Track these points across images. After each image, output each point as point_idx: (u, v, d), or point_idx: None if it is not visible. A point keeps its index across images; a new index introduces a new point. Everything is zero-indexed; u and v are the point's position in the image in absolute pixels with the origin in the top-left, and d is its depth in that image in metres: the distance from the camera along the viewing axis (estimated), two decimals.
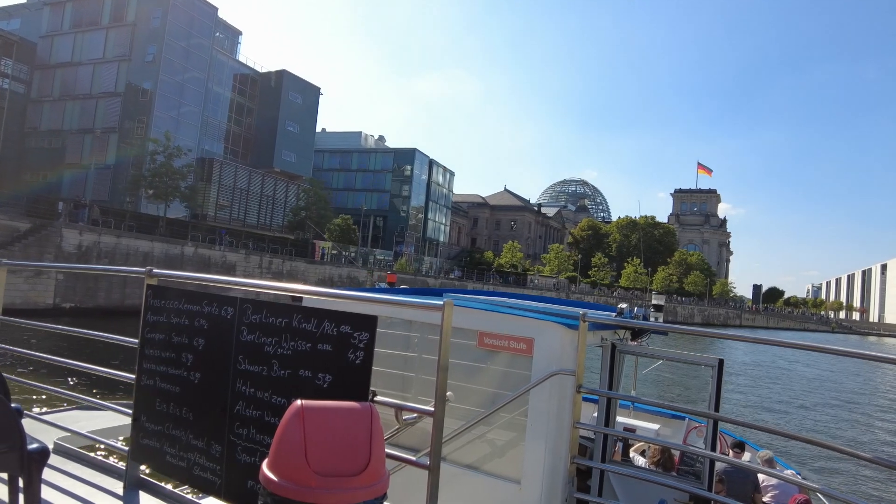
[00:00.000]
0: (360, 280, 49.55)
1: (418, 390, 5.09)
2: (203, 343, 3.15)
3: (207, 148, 60.03)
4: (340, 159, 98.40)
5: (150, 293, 3.44)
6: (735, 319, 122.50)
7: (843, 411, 26.89)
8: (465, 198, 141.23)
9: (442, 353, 2.64)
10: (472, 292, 8.10)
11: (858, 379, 42.07)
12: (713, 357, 4.62)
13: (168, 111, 53.40)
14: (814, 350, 3.36)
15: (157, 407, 3.29)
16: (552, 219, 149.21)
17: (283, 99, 64.81)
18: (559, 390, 4.32)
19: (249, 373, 2.93)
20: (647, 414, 8.57)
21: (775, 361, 48.36)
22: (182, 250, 35.37)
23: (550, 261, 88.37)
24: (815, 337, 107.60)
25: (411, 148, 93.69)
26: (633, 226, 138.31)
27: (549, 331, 4.48)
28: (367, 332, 2.63)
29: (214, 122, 60.93)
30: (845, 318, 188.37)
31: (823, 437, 8.25)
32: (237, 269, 38.88)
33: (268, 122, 65.05)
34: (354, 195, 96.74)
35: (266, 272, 41.28)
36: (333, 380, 2.67)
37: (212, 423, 3.05)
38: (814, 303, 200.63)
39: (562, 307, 6.01)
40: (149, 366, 3.36)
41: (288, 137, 65.49)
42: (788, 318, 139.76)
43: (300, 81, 66.97)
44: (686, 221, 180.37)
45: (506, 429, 4.71)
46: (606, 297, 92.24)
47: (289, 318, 2.85)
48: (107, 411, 4.33)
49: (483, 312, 4.84)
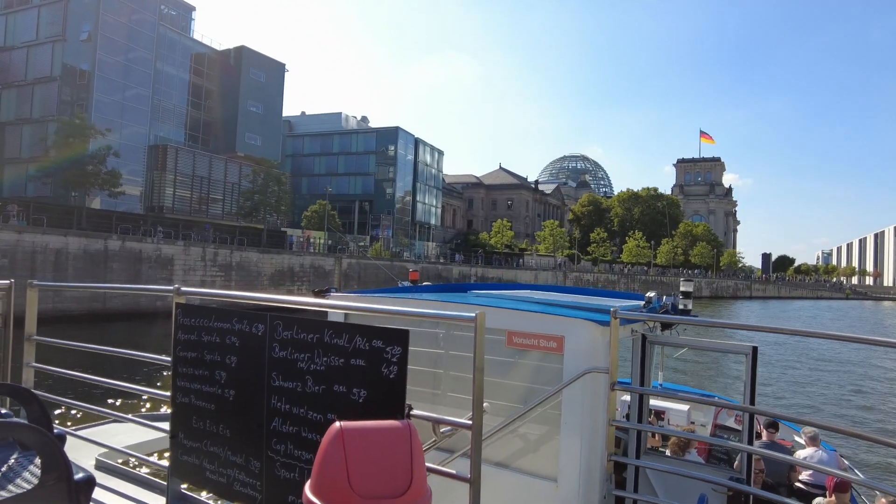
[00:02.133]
0: (327, 269, 44.96)
1: (447, 386, 5.09)
2: (235, 360, 3.17)
3: (163, 134, 55.40)
4: (321, 143, 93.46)
5: (180, 312, 3.45)
6: (745, 291, 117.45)
7: (875, 397, 22.46)
8: (460, 178, 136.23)
9: (476, 364, 2.60)
10: (497, 286, 7.93)
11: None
12: (746, 345, 4.35)
13: (110, 94, 48.64)
14: (861, 342, 3.20)
15: (194, 424, 3.32)
16: (550, 196, 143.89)
17: (244, 77, 59.86)
18: (592, 388, 4.19)
19: (284, 389, 2.95)
20: (676, 395, 8.31)
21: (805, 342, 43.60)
22: (105, 245, 30.87)
23: (545, 238, 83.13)
24: (830, 305, 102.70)
25: (394, 127, 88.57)
26: (636, 199, 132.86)
27: (579, 328, 4.36)
28: (400, 347, 2.61)
29: (168, 106, 56.13)
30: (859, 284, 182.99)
31: (865, 429, 7.49)
32: (175, 262, 34.44)
33: (228, 103, 60.21)
34: (338, 180, 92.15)
35: (211, 265, 36.82)
36: (368, 395, 2.66)
37: (249, 439, 3.07)
38: (825, 269, 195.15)
39: (591, 299, 6.06)
40: (183, 383, 3.39)
41: (251, 119, 60.61)
42: (801, 286, 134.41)
43: (262, 58, 61.91)
44: (690, 192, 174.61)
45: (540, 427, 4.59)
46: (607, 275, 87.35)
47: (320, 333, 2.84)
48: (143, 427, 4.25)
49: (511, 312, 4.80)
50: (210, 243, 38.26)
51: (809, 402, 20.78)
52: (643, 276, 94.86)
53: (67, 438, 3.53)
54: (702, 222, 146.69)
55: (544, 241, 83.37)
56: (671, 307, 4.95)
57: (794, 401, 20.74)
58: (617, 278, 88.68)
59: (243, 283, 38.87)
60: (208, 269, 36.86)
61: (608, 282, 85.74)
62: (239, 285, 38.47)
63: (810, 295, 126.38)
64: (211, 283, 36.82)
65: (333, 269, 45.25)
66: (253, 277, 39.53)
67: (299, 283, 42.77)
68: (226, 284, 37.80)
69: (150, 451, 4.56)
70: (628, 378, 4.57)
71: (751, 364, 4.30)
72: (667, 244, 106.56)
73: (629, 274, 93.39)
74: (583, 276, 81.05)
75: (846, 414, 19.63)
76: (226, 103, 60.36)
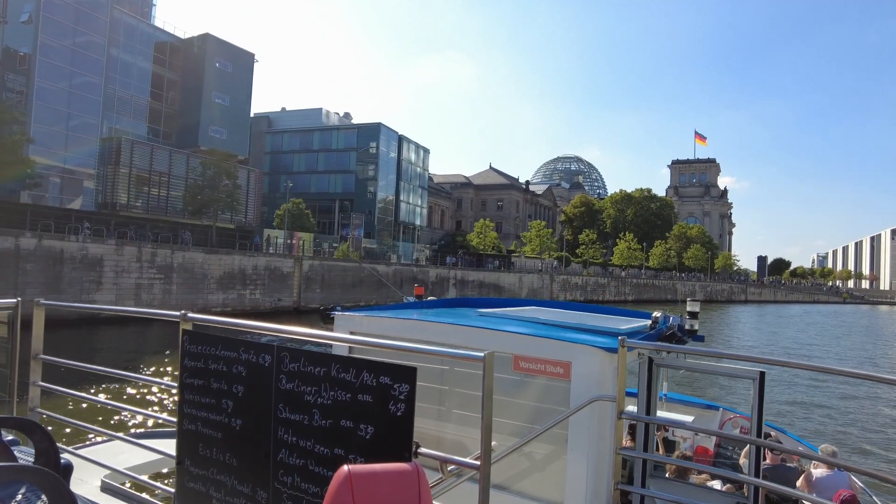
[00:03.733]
0: (285, 272, 41.27)
1: (451, 404, 5.04)
2: (242, 390, 3.16)
3: (120, 127, 51.74)
4: (301, 139, 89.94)
5: (187, 339, 3.44)
6: (740, 294, 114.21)
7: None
8: (448, 178, 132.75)
9: (485, 408, 2.57)
10: (502, 302, 7.45)
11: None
12: (753, 369, 4.04)
13: (55, 81, 44.91)
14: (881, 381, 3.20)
15: (201, 452, 3.31)
16: (542, 196, 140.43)
17: (208, 67, 56.19)
18: (599, 415, 4.18)
19: (290, 421, 2.95)
20: (680, 405, 8.35)
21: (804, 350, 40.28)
22: (17, 243, 27.20)
23: (532, 239, 79.35)
24: (827, 309, 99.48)
25: (375, 123, 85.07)
26: (629, 200, 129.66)
27: (586, 354, 4.35)
28: (408, 384, 2.60)
29: (125, 97, 52.45)
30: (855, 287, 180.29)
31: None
32: (105, 263, 30.75)
33: (192, 94, 56.56)
34: (318, 178, 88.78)
35: (148, 266, 33.12)
36: (375, 432, 2.66)
37: (256, 469, 3.08)
38: (822, 273, 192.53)
39: (598, 319, 5.98)
40: (190, 410, 3.38)
41: (216, 111, 56.94)
42: (797, 290, 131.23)
43: (228, 47, 58.27)
44: (685, 193, 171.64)
45: (546, 454, 4.64)
46: (597, 278, 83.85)
47: (327, 367, 2.84)
48: (147, 451, 4.17)
49: (518, 336, 4.78)
50: (147, 242, 34.53)
51: (819, 428, 18.33)
52: (635, 280, 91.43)
53: (74, 458, 3.71)
54: (696, 224, 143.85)
55: (530, 242, 79.66)
56: (678, 328, 5.15)
57: (803, 425, 18.37)
58: (607, 281, 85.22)
59: (186, 286, 35.17)
60: (145, 270, 33.14)
61: (598, 285, 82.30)
62: (181, 289, 34.82)
63: (807, 299, 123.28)
64: (148, 286, 33.16)
65: (293, 272, 41.56)
66: (198, 280, 35.83)
67: (252, 287, 39.07)
68: (166, 288, 34.13)
69: (154, 471, 4.55)
70: (634, 388, 4.33)
71: (758, 390, 3.99)
72: (660, 246, 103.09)
73: (620, 277, 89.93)
74: (571, 279, 77.52)
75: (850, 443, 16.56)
76: (189, 95, 56.74)
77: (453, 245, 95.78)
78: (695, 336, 5.84)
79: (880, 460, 15.68)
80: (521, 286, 67.65)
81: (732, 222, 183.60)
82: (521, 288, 67.02)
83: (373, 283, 47.44)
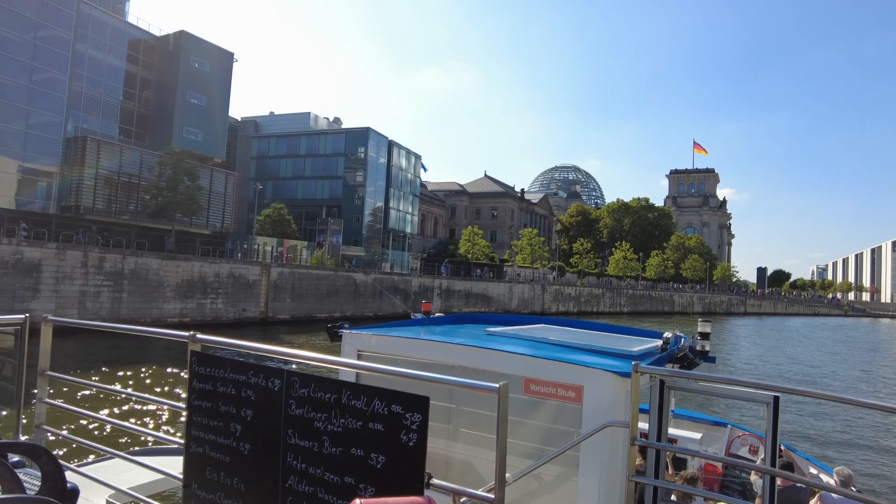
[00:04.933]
0: (250, 280, 38.53)
1: (459, 423, 5.05)
2: (251, 414, 3.12)
3: (89, 126, 49.27)
4: (288, 144, 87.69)
5: (195, 360, 3.41)
6: (739, 306, 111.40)
7: None
8: (442, 185, 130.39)
9: (500, 438, 2.53)
10: (511, 319, 7.39)
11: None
12: (767, 393, 3.82)
13: (14, 76, 42.45)
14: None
15: (208, 475, 3.28)
16: (537, 205, 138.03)
17: (183, 65, 53.76)
18: (611, 440, 4.17)
19: (300, 447, 2.91)
20: (688, 421, 8.22)
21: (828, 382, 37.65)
22: None
23: (523, 248, 76.50)
24: (828, 322, 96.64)
25: (364, 127, 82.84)
26: (626, 209, 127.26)
27: (599, 379, 4.27)
28: (420, 414, 2.56)
29: (94, 95, 49.98)
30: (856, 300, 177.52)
31: None
32: (43, 269, 28.07)
33: (166, 94, 54.13)
34: (304, 183, 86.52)
35: (95, 272, 30.40)
36: (387, 461, 2.62)
37: (264, 496, 3.04)
38: (822, 284, 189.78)
39: (608, 338, 5.91)
40: (197, 433, 3.35)
41: (191, 111, 54.47)
42: (797, 302, 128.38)
43: (205, 45, 55.89)
44: (684, 203, 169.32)
45: (556, 476, 4.59)
46: (591, 289, 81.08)
47: (338, 394, 2.80)
48: (152, 470, 4.17)
49: (528, 358, 4.67)
50: (94, 246, 31.82)
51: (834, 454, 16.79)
52: (631, 291, 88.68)
53: (79, 477, 3.74)
54: (695, 234, 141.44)
55: (521, 251, 76.86)
56: (689, 349, 5.13)
57: (816, 450, 16.66)
58: (602, 293, 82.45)
59: (139, 294, 32.45)
60: (91, 277, 30.41)
61: (592, 296, 79.54)
62: (133, 298, 32.10)
63: (807, 311, 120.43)
64: (95, 294, 30.47)
65: (259, 280, 38.79)
66: (152, 289, 33.10)
67: (213, 297, 36.32)
68: (116, 296, 31.43)
69: (159, 491, 4.51)
70: (646, 404, 4.14)
71: (772, 415, 3.79)
72: (656, 256, 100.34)
73: (616, 288, 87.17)
74: (564, 289, 74.73)
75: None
76: (163, 94, 54.29)
77: (445, 254, 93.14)
78: (706, 357, 5.73)
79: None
80: (512, 297, 64.89)
81: (732, 233, 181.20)
82: (510, 299, 64.28)
83: (349, 293, 44.78)
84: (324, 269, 44.71)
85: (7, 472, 2.43)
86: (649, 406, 4.12)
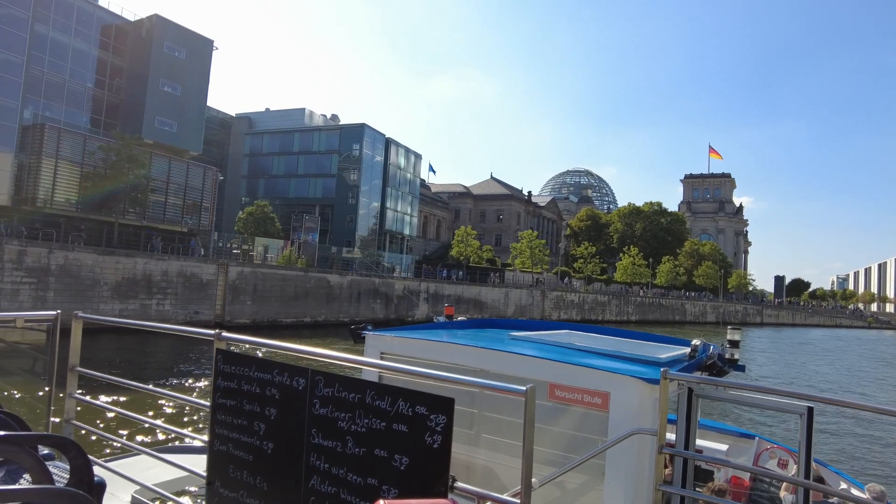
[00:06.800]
0: (204, 280, 34.82)
1: (481, 429, 5.03)
2: (275, 413, 3.10)
3: (51, 115, 46.14)
4: (281, 141, 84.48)
5: (220, 358, 3.38)
6: (755, 316, 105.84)
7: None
8: (446, 187, 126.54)
9: (526, 443, 2.51)
10: (534, 324, 7.36)
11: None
12: (801, 404, 3.66)
13: None
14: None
15: (231, 474, 3.26)
16: (545, 208, 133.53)
17: (155, 51, 50.46)
18: (638, 449, 3.98)
19: (323, 447, 2.89)
20: (713, 432, 8.00)
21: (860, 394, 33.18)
22: None
23: (522, 251, 71.96)
24: (852, 334, 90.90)
25: (359, 124, 79.25)
26: (637, 214, 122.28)
27: (626, 386, 4.12)
28: (445, 416, 2.52)
29: (57, 81, 46.87)
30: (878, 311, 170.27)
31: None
32: None
33: (137, 82, 50.87)
34: (297, 181, 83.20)
35: (13, 267, 26.88)
36: (410, 463, 2.60)
37: (286, 495, 3.01)
38: (843, 295, 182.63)
39: (634, 345, 5.82)
40: (221, 431, 3.33)
41: (163, 100, 51.12)
42: (817, 312, 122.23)
43: (181, 31, 52.58)
44: (698, 209, 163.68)
45: (581, 484, 4.54)
46: (596, 295, 76.47)
47: (362, 394, 2.77)
48: (176, 467, 4.11)
49: (553, 363, 4.54)
50: (13, 238, 28.28)
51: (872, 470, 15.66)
52: (639, 298, 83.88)
53: (105, 472, 3.72)
54: (710, 241, 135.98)
55: (521, 253, 72.36)
56: (718, 357, 4.94)
57: (848, 464, 15.75)
58: (608, 299, 77.79)
59: (68, 293, 28.82)
60: (8, 273, 26.86)
61: (596, 303, 74.93)
62: (62, 297, 28.48)
63: (828, 322, 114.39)
64: (12, 293, 26.92)
65: (215, 280, 35.04)
66: (85, 287, 29.49)
67: (160, 297, 32.63)
68: (39, 294, 27.87)
69: (183, 488, 4.52)
70: (674, 414, 4.02)
71: (806, 427, 3.65)
72: (667, 262, 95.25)
73: (623, 295, 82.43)
74: (566, 296, 70.21)
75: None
76: (135, 82, 51.04)
77: (445, 257, 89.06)
78: (736, 366, 5.49)
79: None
80: (508, 303, 60.58)
81: (748, 240, 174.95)
82: (506, 305, 59.99)
83: (321, 296, 40.90)
84: (291, 269, 40.85)
85: (37, 463, 2.49)
86: (676, 415, 3.97)
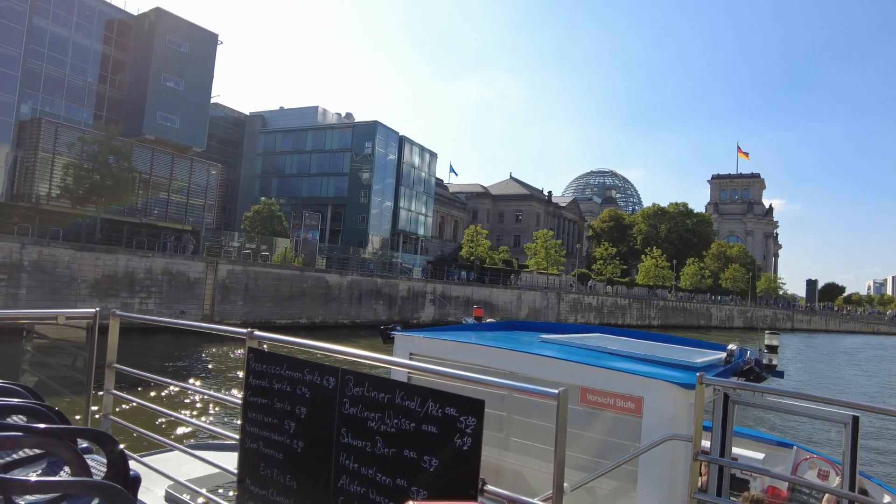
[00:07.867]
0: (192, 278, 33.25)
1: (511, 432, 4.98)
2: (305, 412, 3.13)
3: (52, 110, 45.42)
4: (294, 140, 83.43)
5: (252, 356, 3.41)
6: (786, 322, 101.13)
7: None
8: (464, 187, 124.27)
9: (558, 447, 2.46)
10: (565, 327, 7.41)
11: None
12: (845, 413, 3.52)
13: None
14: None
15: (262, 472, 3.28)
16: (566, 209, 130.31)
17: (158, 45, 49.43)
18: (672, 455, 3.90)
19: (353, 447, 2.89)
20: (749, 440, 7.67)
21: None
22: None
23: (537, 251, 69.23)
24: (892, 342, 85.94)
25: (372, 121, 77.67)
26: (662, 214, 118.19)
27: (660, 390, 4.05)
28: (475, 418, 2.49)
29: (57, 76, 46.14)
30: None
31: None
32: None
33: (141, 77, 49.89)
34: (310, 180, 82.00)
35: None
36: (440, 465, 2.58)
37: (316, 494, 3.02)
38: (880, 300, 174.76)
39: (668, 349, 5.72)
40: (252, 429, 3.35)
41: (166, 96, 50.05)
42: (853, 318, 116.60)
43: (184, 24, 51.49)
44: (726, 210, 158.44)
45: (613, 490, 4.44)
46: (616, 298, 73.42)
47: (391, 394, 2.76)
48: (208, 464, 4.19)
49: (586, 367, 4.47)
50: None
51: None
52: (662, 302, 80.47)
53: (141, 467, 3.80)
54: (738, 243, 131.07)
55: (535, 254, 69.68)
56: (755, 362, 4.86)
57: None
58: (628, 303, 74.64)
59: (43, 292, 27.48)
60: None
61: (616, 307, 71.85)
62: (35, 295, 27.17)
63: (865, 329, 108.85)
64: None
65: (203, 279, 33.48)
66: (62, 285, 28.14)
67: (143, 296, 31.15)
68: (10, 292, 26.58)
69: (215, 485, 4.57)
70: (708, 421, 3.96)
71: (851, 436, 3.52)
72: (692, 265, 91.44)
73: (644, 298, 79.14)
74: (583, 299, 67.40)
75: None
76: (137, 77, 50.08)
77: (458, 259, 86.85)
78: (774, 372, 5.47)
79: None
80: (521, 305, 58.09)
81: (779, 243, 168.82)
82: (519, 307, 57.51)
83: (318, 297, 39.08)
84: (287, 268, 39.11)
85: (76, 457, 2.51)
86: (712, 421, 3.88)
